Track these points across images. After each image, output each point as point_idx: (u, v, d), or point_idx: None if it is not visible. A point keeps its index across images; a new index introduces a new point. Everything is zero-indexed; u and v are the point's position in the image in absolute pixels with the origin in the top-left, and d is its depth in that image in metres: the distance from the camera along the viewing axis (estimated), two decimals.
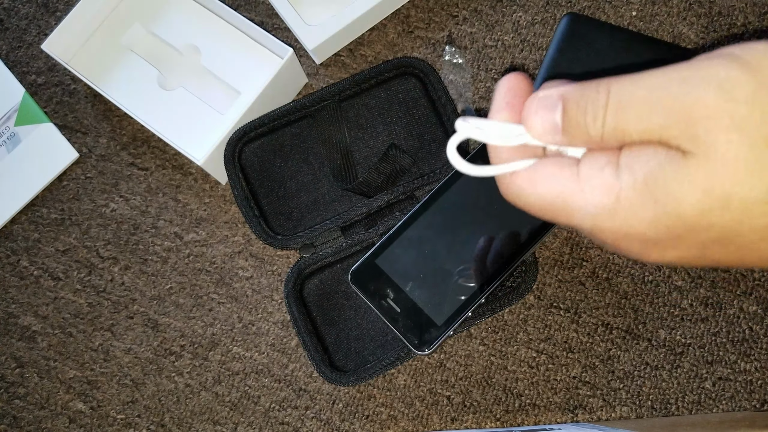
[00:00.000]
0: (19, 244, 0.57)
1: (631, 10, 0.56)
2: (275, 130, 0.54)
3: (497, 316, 0.52)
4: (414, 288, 0.48)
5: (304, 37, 0.55)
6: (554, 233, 0.53)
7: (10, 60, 0.60)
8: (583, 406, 0.51)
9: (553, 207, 0.27)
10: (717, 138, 0.23)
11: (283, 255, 0.55)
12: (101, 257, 0.56)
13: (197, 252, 0.56)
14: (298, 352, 0.54)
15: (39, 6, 0.62)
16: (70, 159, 0.58)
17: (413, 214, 0.49)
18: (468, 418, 0.51)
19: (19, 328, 0.56)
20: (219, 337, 0.54)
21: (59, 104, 0.59)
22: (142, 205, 0.57)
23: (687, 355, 0.51)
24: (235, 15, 0.55)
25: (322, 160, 0.54)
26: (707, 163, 0.23)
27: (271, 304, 0.55)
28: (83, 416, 0.54)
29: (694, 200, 0.23)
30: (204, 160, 0.52)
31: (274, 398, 0.53)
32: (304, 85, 0.58)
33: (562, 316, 0.52)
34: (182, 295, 0.55)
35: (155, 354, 0.54)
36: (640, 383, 0.51)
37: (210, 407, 0.53)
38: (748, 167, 0.23)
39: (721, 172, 0.23)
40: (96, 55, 0.58)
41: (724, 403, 0.50)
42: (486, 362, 0.52)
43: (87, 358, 0.55)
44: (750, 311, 0.51)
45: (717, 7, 0.55)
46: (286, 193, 0.54)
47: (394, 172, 0.53)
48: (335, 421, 0.52)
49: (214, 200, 0.57)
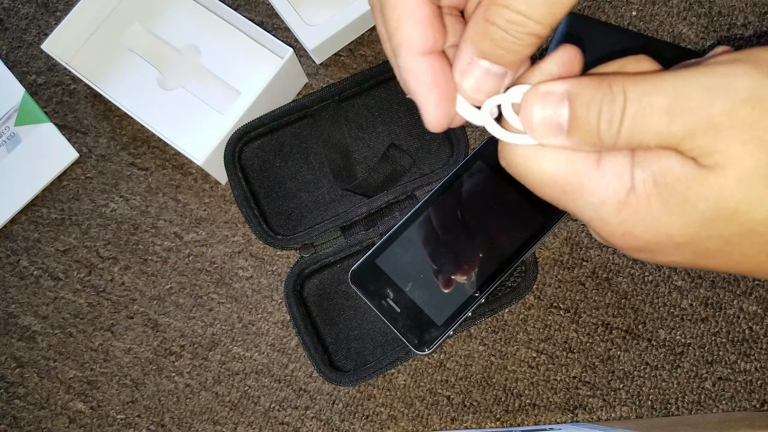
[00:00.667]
0: (19, 244, 0.57)
1: (631, 10, 0.56)
2: (275, 130, 0.54)
3: (497, 316, 0.52)
4: (414, 288, 0.48)
5: (304, 37, 0.55)
6: (554, 233, 0.53)
7: (10, 60, 0.60)
8: (583, 406, 0.51)
9: (563, 185, 0.25)
10: (738, 151, 0.22)
11: (283, 255, 0.55)
12: (101, 257, 0.56)
13: (197, 252, 0.56)
14: (298, 352, 0.54)
15: (39, 6, 0.62)
16: (70, 159, 0.58)
17: (413, 214, 0.49)
18: (468, 418, 0.51)
19: (19, 328, 0.56)
20: (219, 337, 0.54)
21: (59, 104, 0.59)
22: (142, 205, 0.57)
23: (687, 355, 0.51)
24: (235, 15, 0.55)
25: (322, 160, 0.54)
26: (722, 175, 0.22)
27: (271, 304, 0.55)
28: (83, 416, 0.54)
29: (702, 210, 0.23)
30: (204, 160, 0.52)
31: (274, 398, 0.53)
32: (304, 85, 0.58)
33: (562, 316, 0.52)
34: (182, 295, 0.55)
35: (155, 354, 0.54)
36: (640, 383, 0.51)
37: (210, 407, 0.53)
38: (762, 184, 0.22)
39: (733, 187, 0.22)
40: (96, 55, 0.58)
41: (724, 403, 0.50)
42: (486, 362, 0.52)
43: (87, 358, 0.55)
44: (750, 311, 0.51)
45: (717, 7, 0.56)
46: (286, 193, 0.54)
47: (394, 172, 0.53)
48: (335, 421, 0.52)
49: (214, 200, 0.57)
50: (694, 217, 0.23)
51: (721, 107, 0.22)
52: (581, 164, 0.25)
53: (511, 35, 0.24)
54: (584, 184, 0.25)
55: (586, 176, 0.25)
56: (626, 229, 0.25)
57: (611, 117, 0.23)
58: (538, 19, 0.23)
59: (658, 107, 0.23)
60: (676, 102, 0.22)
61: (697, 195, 0.23)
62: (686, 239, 0.24)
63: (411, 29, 0.25)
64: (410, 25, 0.25)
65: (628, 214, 0.24)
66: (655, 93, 0.23)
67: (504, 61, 0.25)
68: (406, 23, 0.26)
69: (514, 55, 0.24)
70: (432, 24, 0.26)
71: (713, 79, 0.22)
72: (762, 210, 0.22)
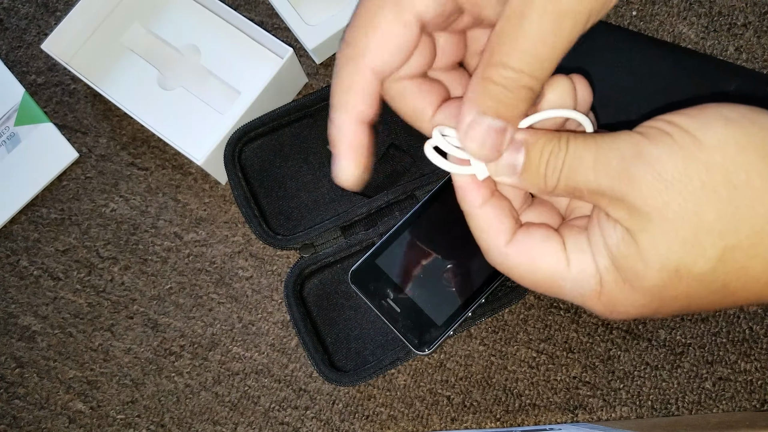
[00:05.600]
0: (19, 244, 0.57)
1: (631, 10, 0.56)
2: (275, 130, 0.54)
3: (497, 316, 0.52)
4: (414, 288, 0.48)
5: (304, 37, 0.55)
6: None
7: (10, 60, 0.60)
8: (583, 406, 0.51)
9: (545, 286, 0.29)
10: (653, 217, 0.25)
11: (283, 255, 0.55)
12: (101, 257, 0.56)
13: (197, 252, 0.56)
14: (298, 352, 0.54)
15: (39, 6, 0.62)
16: (70, 159, 0.58)
17: (413, 214, 0.49)
18: (468, 418, 0.51)
19: (19, 328, 0.56)
20: (219, 337, 0.54)
21: (59, 104, 0.59)
22: (142, 205, 0.57)
23: (687, 355, 0.51)
24: (235, 15, 0.55)
25: (322, 160, 0.54)
26: (652, 239, 0.25)
27: (271, 304, 0.55)
28: (83, 416, 0.54)
29: (653, 277, 0.26)
30: (204, 160, 0.52)
31: (274, 398, 0.53)
32: (304, 85, 0.58)
33: (562, 316, 0.52)
34: (182, 295, 0.55)
35: (155, 354, 0.54)
36: (640, 383, 0.51)
37: (210, 407, 0.53)
38: (685, 243, 0.25)
39: (664, 250, 0.25)
40: (96, 55, 0.58)
41: (724, 403, 0.50)
42: (486, 362, 0.52)
43: (87, 358, 0.55)
44: (750, 311, 0.51)
45: (717, 7, 0.56)
46: (286, 193, 0.54)
47: (394, 172, 0.53)
48: (335, 421, 0.52)
49: (214, 200, 0.57)
50: (652, 288, 0.26)
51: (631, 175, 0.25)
52: (559, 267, 0.28)
53: (508, 90, 0.26)
54: (563, 286, 0.28)
55: (561, 279, 0.28)
56: (612, 308, 0.28)
57: (555, 165, 0.27)
58: (531, 73, 0.26)
59: (587, 164, 0.26)
60: (599, 163, 0.26)
61: (644, 265, 0.26)
62: (658, 305, 0.27)
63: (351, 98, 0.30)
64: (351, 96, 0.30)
65: (607, 299, 0.27)
66: (587, 150, 0.26)
67: (503, 116, 0.27)
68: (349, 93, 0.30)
69: (512, 110, 0.27)
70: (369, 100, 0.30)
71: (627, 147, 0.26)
72: (699, 264, 0.25)
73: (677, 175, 0.24)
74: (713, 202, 0.24)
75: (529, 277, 0.29)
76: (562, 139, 0.27)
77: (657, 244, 0.25)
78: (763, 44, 0.55)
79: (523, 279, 0.29)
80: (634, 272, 0.26)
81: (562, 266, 0.28)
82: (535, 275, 0.29)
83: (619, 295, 0.27)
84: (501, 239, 0.29)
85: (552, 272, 0.28)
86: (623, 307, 0.27)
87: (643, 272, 0.26)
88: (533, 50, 0.25)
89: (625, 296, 0.27)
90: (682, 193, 0.24)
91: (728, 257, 0.25)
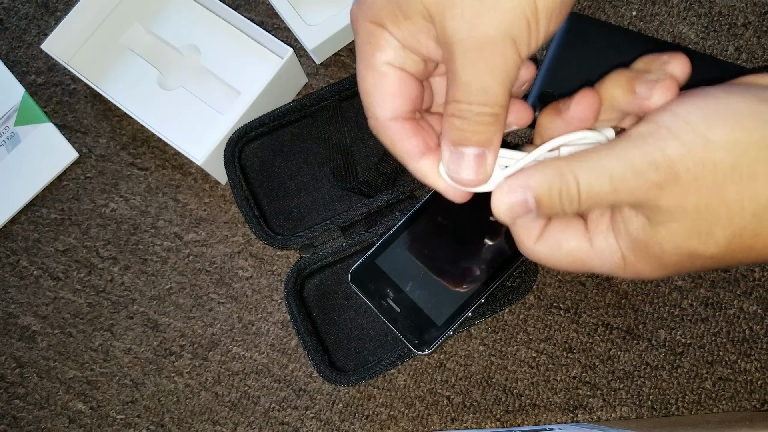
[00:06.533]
0: (19, 244, 0.57)
1: (631, 10, 0.56)
2: (275, 130, 0.54)
3: (497, 316, 0.52)
4: (414, 288, 0.48)
5: (304, 37, 0.55)
6: None
7: (10, 60, 0.60)
8: (583, 406, 0.51)
9: (576, 267, 0.32)
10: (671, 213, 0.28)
11: (283, 255, 0.55)
12: (101, 257, 0.56)
13: (197, 252, 0.56)
14: (298, 352, 0.54)
15: (39, 6, 0.62)
16: (70, 159, 0.58)
17: (413, 214, 0.49)
18: (468, 418, 0.51)
19: (19, 328, 0.56)
20: (219, 337, 0.54)
21: (59, 104, 0.59)
22: (142, 205, 0.57)
23: (687, 355, 0.51)
24: (235, 15, 0.55)
25: (322, 160, 0.54)
26: (668, 232, 0.29)
27: (271, 304, 0.55)
28: (83, 416, 0.54)
29: (670, 259, 0.30)
30: (204, 160, 0.52)
31: (274, 398, 0.53)
32: (304, 85, 0.58)
33: (562, 316, 0.52)
34: (182, 295, 0.55)
35: (155, 354, 0.54)
36: (640, 383, 0.51)
37: (210, 407, 0.53)
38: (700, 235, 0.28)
39: (680, 240, 0.29)
40: (96, 55, 0.58)
41: (724, 403, 0.50)
42: (486, 362, 0.52)
43: (87, 358, 0.55)
44: (750, 311, 0.51)
45: (717, 7, 0.56)
46: (286, 193, 0.54)
47: (394, 172, 0.53)
48: (335, 422, 0.52)
49: (213, 200, 0.57)
50: (670, 265, 0.30)
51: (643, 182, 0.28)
52: (585, 251, 0.32)
53: (467, 120, 0.30)
54: (591, 264, 0.32)
55: (588, 258, 0.32)
56: (637, 276, 0.32)
57: (570, 197, 0.29)
58: (479, 101, 0.30)
59: (605, 189, 0.29)
60: (615, 182, 0.28)
61: (662, 251, 0.29)
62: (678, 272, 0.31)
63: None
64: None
65: (632, 270, 0.31)
66: (600, 176, 0.29)
67: (473, 142, 0.31)
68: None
69: (479, 135, 0.30)
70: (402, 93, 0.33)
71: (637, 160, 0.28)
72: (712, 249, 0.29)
73: (690, 177, 0.27)
74: (722, 196, 0.27)
75: (557, 263, 0.32)
76: (569, 174, 0.29)
77: (674, 235, 0.29)
78: (763, 44, 0.55)
79: (554, 265, 0.33)
80: (653, 254, 0.30)
81: (586, 246, 0.31)
82: (565, 259, 0.32)
83: (642, 268, 0.31)
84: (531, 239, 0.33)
85: (578, 254, 0.32)
86: (647, 274, 0.31)
87: (661, 255, 0.29)
88: (471, 82, 0.29)
89: (648, 269, 0.31)
90: (694, 193, 0.27)
91: (736, 240, 0.28)
